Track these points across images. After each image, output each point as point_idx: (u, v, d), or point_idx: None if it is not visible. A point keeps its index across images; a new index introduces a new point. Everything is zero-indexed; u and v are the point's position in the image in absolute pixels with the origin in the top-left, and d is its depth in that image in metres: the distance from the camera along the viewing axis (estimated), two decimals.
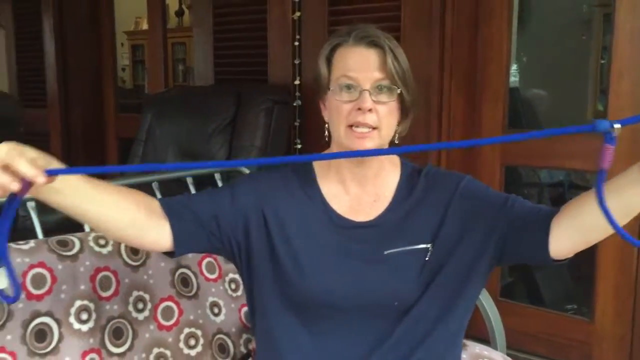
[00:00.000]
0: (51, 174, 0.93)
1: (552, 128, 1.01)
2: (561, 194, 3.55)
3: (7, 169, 0.90)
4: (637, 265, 2.41)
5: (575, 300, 2.93)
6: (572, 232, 1.11)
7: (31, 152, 0.92)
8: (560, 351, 2.63)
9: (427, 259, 1.18)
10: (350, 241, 1.20)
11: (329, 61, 1.20)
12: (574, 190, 3.59)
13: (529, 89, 3.42)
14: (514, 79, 2.96)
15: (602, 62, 3.58)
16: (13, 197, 0.95)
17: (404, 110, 1.21)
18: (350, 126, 1.15)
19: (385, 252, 1.18)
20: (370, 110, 1.14)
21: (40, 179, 0.90)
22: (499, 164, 2.72)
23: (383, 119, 1.16)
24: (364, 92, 1.14)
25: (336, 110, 1.17)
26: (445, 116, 2.72)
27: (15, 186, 0.90)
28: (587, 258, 2.65)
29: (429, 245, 1.19)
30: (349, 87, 1.15)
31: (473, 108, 2.74)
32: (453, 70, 2.70)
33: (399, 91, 1.17)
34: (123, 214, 1.11)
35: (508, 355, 1.74)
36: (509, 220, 1.16)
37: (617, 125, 0.86)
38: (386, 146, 1.23)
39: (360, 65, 1.16)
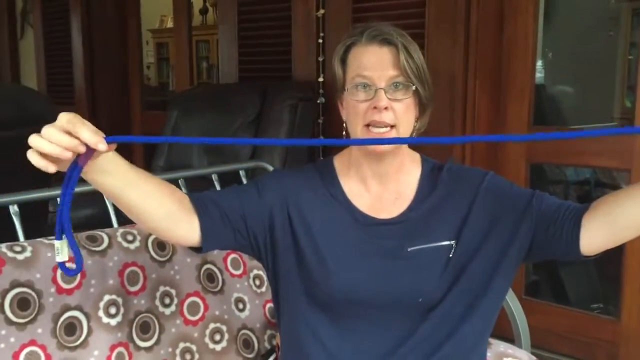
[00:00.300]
0: (111, 141, 0.95)
1: (578, 126, 1.01)
2: (587, 192, 3.51)
3: (70, 135, 0.91)
4: None
5: (602, 299, 2.90)
6: (605, 229, 1.10)
7: (89, 124, 0.94)
8: (586, 350, 2.60)
9: (450, 256, 1.17)
10: (373, 238, 1.20)
11: (344, 62, 1.21)
12: (601, 188, 3.54)
13: (555, 86, 3.39)
14: (539, 75, 2.93)
15: (630, 57, 3.53)
16: (74, 165, 0.96)
17: (421, 106, 1.21)
18: (367, 125, 1.16)
19: (409, 249, 1.19)
20: (386, 108, 1.14)
21: (102, 145, 0.92)
22: (525, 161, 2.70)
23: (400, 116, 1.16)
24: (379, 90, 1.15)
25: (353, 110, 1.18)
26: (470, 115, 2.70)
27: (82, 148, 0.92)
28: (613, 257, 2.62)
29: (452, 242, 1.18)
30: (364, 87, 1.16)
31: (497, 106, 2.72)
32: (477, 68, 2.68)
33: (414, 88, 1.17)
34: (161, 204, 1.13)
35: (532, 354, 1.73)
36: (536, 215, 1.16)
37: None
38: (405, 154, 1.24)
39: (374, 63, 1.16)
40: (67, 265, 1.04)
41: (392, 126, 1.15)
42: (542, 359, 1.81)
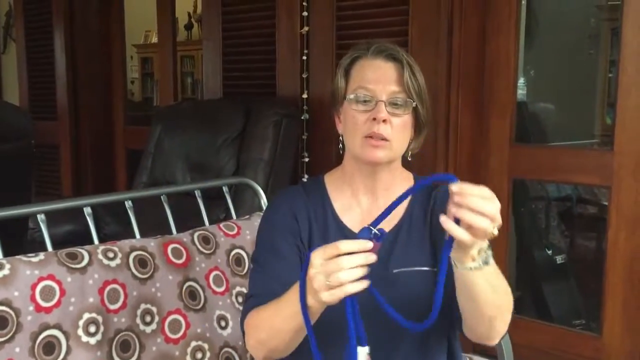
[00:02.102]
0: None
1: (560, 143, 1.03)
2: (569, 208, 3.54)
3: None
4: None
5: (583, 315, 2.91)
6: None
7: None
8: None
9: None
10: None
11: (347, 73, 1.23)
12: (582, 204, 3.58)
13: (537, 103, 3.42)
14: (521, 92, 2.96)
15: (610, 75, 3.58)
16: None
17: (418, 126, 1.23)
18: (367, 137, 1.17)
19: (394, 271, 1.19)
20: (384, 121, 1.16)
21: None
22: (507, 176, 2.72)
23: (396, 131, 1.17)
24: (379, 103, 1.17)
25: (352, 120, 1.19)
26: (453, 130, 2.72)
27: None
28: (595, 272, 2.64)
29: (435, 269, 1.19)
30: (365, 99, 1.18)
31: (480, 122, 2.74)
32: (460, 84, 2.71)
33: (414, 105, 1.19)
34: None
35: None
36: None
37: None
38: (397, 160, 1.25)
39: (377, 77, 1.18)
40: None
41: (387, 139, 1.17)
42: None
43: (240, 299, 1.68)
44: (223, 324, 1.62)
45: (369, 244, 0.94)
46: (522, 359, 2.37)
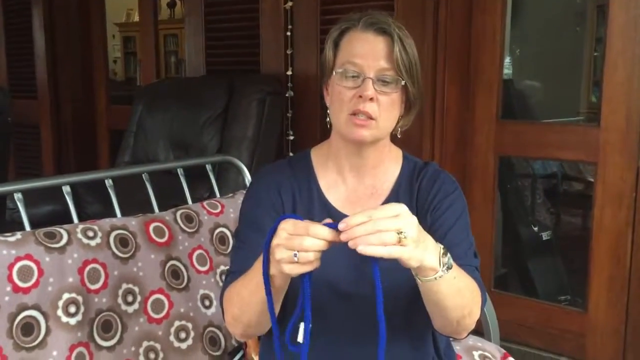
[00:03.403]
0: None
1: (546, 120, 1.01)
2: (555, 185, 3.55)
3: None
4: (632, 256, 2.41)
5: (569, 291, 2.93)
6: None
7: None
8: (554, 342, 2.62)
9: None
10: None
11: (336, 45, 1.18)
12: (568, 181, 3.59)
13: (523, 81, 3.42)
14: (507, 70, 2.94)
15: (596, 54, 3.58)
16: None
17: (408, 103, 1.19)
18: (352, 114, 1.13)
19: None
20: (371, 99, 1.12)
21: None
22: (493, 153, 2.71)
23: (383, 110, 1.13)
24: (367, 80, 1.12)
25: (338, 96, 1.15)
26: (439, 107, 2.70)
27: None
28: (580, 249, 2.65)
29: None
30: (352, 74, 1.13)
31: (467, 99, 2.72)
32: (447, 61, 2.68)
33: (403, 83, 1.14)
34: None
35: (501, 347, 1.73)
36: None
37: None
38: (384, 138, 1.21)
39: (366, 52, 1.13)
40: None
41: (373, 118, 1.13)
42: (511, 352, 1.81)
43: (224, 278, 1.66)
44: (207, 303, 1.60)
45: (334, 236, 0.91)
46: (508, 335, 2.39)
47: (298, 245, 0.90)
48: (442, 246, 0.99)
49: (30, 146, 4.41)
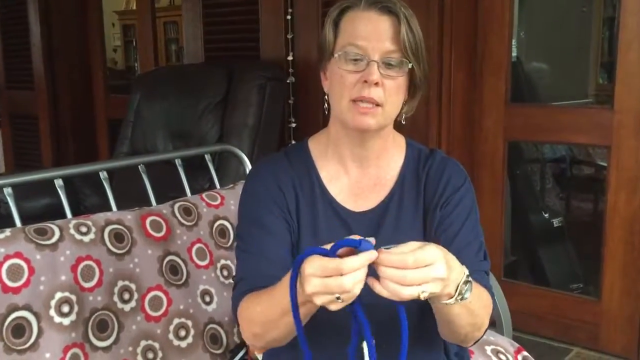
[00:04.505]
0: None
1: (553, 102, 0.93)
2: (563, 169, 3.49)
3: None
4: None
5: (581, 280, 2.87)
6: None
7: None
8: (566, 332, 2.57)
9: None
10: (347, 233, 1.10)
11: (336, 25, 1.09)
12: (577, 165, 3.53)
13: (530, 63, 3.34)
14: (514, 53, 2.86)
15: (604, 35, 3.50)
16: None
17: (413, 87, 1.10)
18: (354, 100, 1.05)
19: (382, 249, 1.09)
20: (377, 84, 1.03)
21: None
22: (502, 139, 2.64)
23: (389, 95, 1.05)
24: (371, 63, 1.03)
25: (339, 81, 1.06)
26: (446, 90, 2.62)
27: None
28: (593, 235, 2.59)
29: None
30: (355, 57, 1.04)
31: (474, 82, 2.65)
32: (453, 43, 2.60)
33: (410, 66, 1.05)
34: None
35: (512, 337, 1.67)
36: None
37: None
38: (389, 125, 1.13)
39: (370, 33, 1.04)
40: None
41: (378, 104, 1.05)
42: (522, 342, 1.75)
43: (225, 273, 1.60)
44: (207, 299, 1.54)
45: (374, 254, 0.85)
46: (519, 325, 2.32)
47: (338, 288, 0.83)
48: (466, 273, 0.92)
49: (29, 137, 4.35)
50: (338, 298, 0.83)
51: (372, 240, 0.86)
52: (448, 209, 1.11)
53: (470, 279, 0.92)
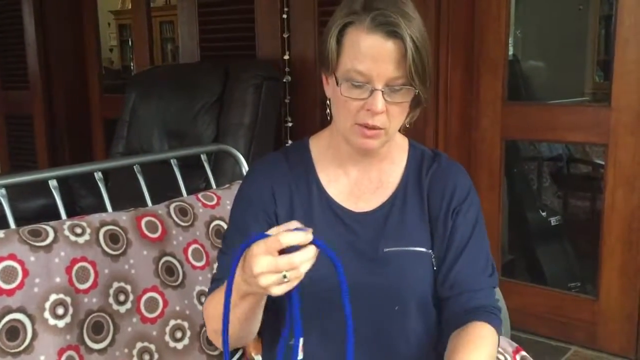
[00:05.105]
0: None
1: (550, 100, 0.92)
2: (560, 168, 3.49)
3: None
4: None
5: (579, 278, 2.86)
6: None
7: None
8: (564, 331, 2.56)
9: (434, 268, 1.09)
10: (349, 234, 1.09)
11: (339, 42, 1.03)
12: (574, 163, 3.53)
13: (527, 61, 3.34)
14: (510, 51, 2.86)
15: (600, 33, 3.50)
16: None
17: (416, 102, 1.07)
18: (360, 125, 1.03)
19: (385, 250, 1.08)
20: (381, 112, 1.01)
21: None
22: (499, 138, 2.63)
23: (393, 119, 1.03)
24: (375, 92, 0.99)
25: (343, 105, 1.03)
26: (443, 89, 2.62)
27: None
28: (591, 234, 2.58)
29: (430, 251, 1.10)
30: (359, 84, 1.00)
31: (471, 80, 2.64)
32: (450, 42, 2.59)
33: (417, 92, 1.02)
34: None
35: (510, 336, 1.66)
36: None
37: None
38: (392, 142, 1.12)
39: (374, 58, 0.98)
40: None
41: (382, 128, 1.03)
42: (520, 341, 1.74)
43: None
44: (204, 300, 1.51)
45: (309, 236, 0.85)
46: (516, 323, 2.32)
47: (288, 265, 0.83)
48: None
49: (24, 137, 4.33)
50: (284, 277, 0.83)
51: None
52: (459, 219, 1.11)
53: None
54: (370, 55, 0.99)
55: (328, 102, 1.11)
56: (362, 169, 1.14)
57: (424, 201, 1.12)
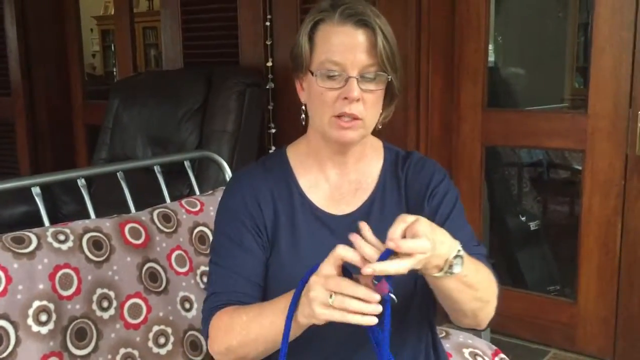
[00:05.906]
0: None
1: (529, 107, 0.95)
2: (540, 173, 3.53)
3: None
4: (621, 245, 2.38)
5: (558, 282, 2.90)
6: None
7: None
8: (543, 334, 2.59)
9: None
10: (331, 236, 1.11)
11: (311, 39, 1.08)
12: (554, 169, 3.57)
13: (507, 68, 3.38)
14: (490, 58, 2.90)
15: (579, 40, 3.55)
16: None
17: (390, 94, 1.11)
18: (337, 116, 1.06)
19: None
20: (357, 100, 1.04)
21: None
22: (480, 144, 2.66)
23: (369, 108, 1.06)
24: (351, 79, 1.03)
25: (319, 98, 1.06)
26: (423, 96, 2.64)
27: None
28: (569, 238, 2.62)
29: None
30: (334, 74, 1.04)
31: (451, 87, 2.67)
32: (430, 49, 2.62)
33: (389, 78, 1.06)
34: None
35: (490, 339, 1.69)
36: None
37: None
38: (367, 142, 1.15)
39: (347, 47, 1.03)
40: None
41: (359, 118, 1.06)
42: (500, 344, 1.77)
43: (205, 279, 1.59)
44: (187, 306, 1.53)
45: (377, 297, 0.87)
46: (497, 326, 2.35)
47: (335, 285, 0.87)
48: (458, 247, 0.93)
49: (6, 145, 4.29)
50: (330, 297, 0.85)
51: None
52: (436, 200, 1.13)
53: (462, 253, 0.92)
54: (343, 45, 1.04)
55: (303, 107, 1.14)
56: (341, 172, 1.16)
57: (402, 196, 1.15)
